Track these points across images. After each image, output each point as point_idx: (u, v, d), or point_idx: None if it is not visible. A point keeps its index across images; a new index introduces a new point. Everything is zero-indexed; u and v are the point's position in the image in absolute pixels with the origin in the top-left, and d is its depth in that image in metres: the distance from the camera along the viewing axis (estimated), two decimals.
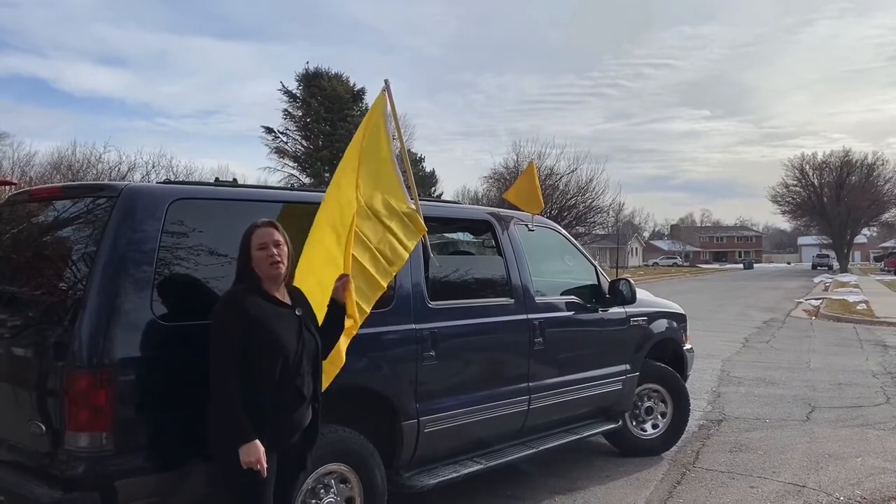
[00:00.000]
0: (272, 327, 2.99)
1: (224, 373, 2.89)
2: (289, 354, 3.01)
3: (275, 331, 2.99)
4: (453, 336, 4.53)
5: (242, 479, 2.90)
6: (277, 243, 3.09)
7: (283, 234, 3.14)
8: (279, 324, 3.03)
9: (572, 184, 38.30)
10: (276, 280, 3.11)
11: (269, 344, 2.96)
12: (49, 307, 3.47)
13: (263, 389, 2.96)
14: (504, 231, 5.26)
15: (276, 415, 3.00)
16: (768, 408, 8.27)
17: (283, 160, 40.03)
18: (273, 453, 3.00)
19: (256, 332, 2.94)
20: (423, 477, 4.39)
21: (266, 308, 3.03)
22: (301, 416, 3.13)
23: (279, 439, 3.04)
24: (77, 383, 3.06)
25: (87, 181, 15.37)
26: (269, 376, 2.97)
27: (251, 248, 3.07)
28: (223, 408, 2.89)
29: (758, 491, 5.41)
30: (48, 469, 3.16)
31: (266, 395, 2.96)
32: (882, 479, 5.72)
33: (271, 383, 2.98)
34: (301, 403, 3.10)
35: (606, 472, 5.84)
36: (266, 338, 2.96)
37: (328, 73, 39.90)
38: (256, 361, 2.94)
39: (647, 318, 6.26)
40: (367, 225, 3.84)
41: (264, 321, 2.98)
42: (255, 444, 2.86)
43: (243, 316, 2.94)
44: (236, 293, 3.05)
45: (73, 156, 24.77)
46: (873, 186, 62.52)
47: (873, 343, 14.42)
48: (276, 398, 2.99)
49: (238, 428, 2.87)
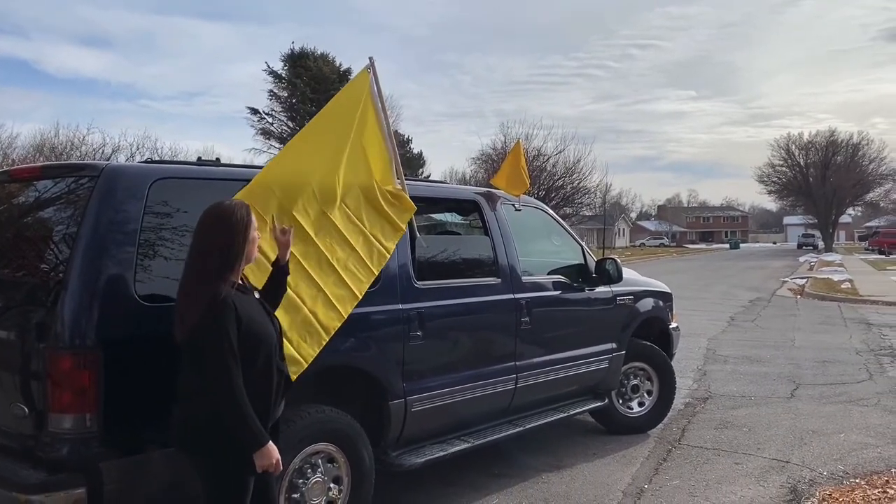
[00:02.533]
0: (256, 318, 2.80)
1: (233, 379, 2.62)
2: (274, 342, 2.87)
3: (260, 321, 2.81)
4: (440, 316, 4.52)
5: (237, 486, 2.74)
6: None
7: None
8: (257, 313, 2.84)
9: (560, 165, 38.33)
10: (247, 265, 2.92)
11: (259, 337, 2.77)
12: (31, 289, 3.44)
13: (264, 385, 2.78)
14: (491, 211, 5.25)
15: (267, 408, 2.80)
16: (753, 385, 8.35)
17: (269, 141, 39.79)
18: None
19: (247, 329, 2.71)
20: (410, 456, 4.40)
21: (243, 300, 2.79)
22: (283, 405, 3.02)
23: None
24: (60, 364, 3.04)
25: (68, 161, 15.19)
26: (267, 370, 2.80)
27: (249, 230, 2.82)
28: (235, 412, 2.63)
29: (742, 467, 5.47)
30: (32, 451, 3.13)
31: (265, 391, 2.79)
32: (864, 454, 5.80)
33: (270, 376, 2.81)
34: (288, 388, 3.00)
35: (593, 450, 5.88)
36: (256, 331, 2.76)
37: (314, 53, 39.59)
38: (253, 359, 2.73)
39: (634, 296, 6.29)
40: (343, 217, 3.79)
41: (250, 315, 2.76)
42: (270, 446, 2.70)
43: (236, 314, 2.68)
44: (228, 294, 2.70)
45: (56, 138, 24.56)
46: (858, 166, 62.88)
47: (857, 321, 14.57)
48: (271, 390, 2.83)
49: (256, 432, 2.66)
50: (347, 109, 3.93)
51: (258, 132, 39.80)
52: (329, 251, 3.65)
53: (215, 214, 2.83)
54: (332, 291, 3.62)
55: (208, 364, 2.66)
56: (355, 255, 3.78)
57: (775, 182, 68.23)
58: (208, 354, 2.66)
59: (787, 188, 68.16)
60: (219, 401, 2.66)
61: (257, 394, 2.73)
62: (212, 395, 2.67)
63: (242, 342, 2.68)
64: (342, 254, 3.71)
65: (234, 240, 2.76)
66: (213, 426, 2.70)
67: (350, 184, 3.82)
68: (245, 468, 2.73)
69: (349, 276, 3.72)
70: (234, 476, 2.74)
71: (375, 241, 3.89)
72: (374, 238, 3.89)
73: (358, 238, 3.81)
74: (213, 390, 2.67)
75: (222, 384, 2.63)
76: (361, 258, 3.79)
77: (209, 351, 2.65)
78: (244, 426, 2.65)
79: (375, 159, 3.95)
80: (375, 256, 3.87)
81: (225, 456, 2.71)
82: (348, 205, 3.81)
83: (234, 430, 2.66)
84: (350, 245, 3.76)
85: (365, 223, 3.87)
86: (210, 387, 2.67)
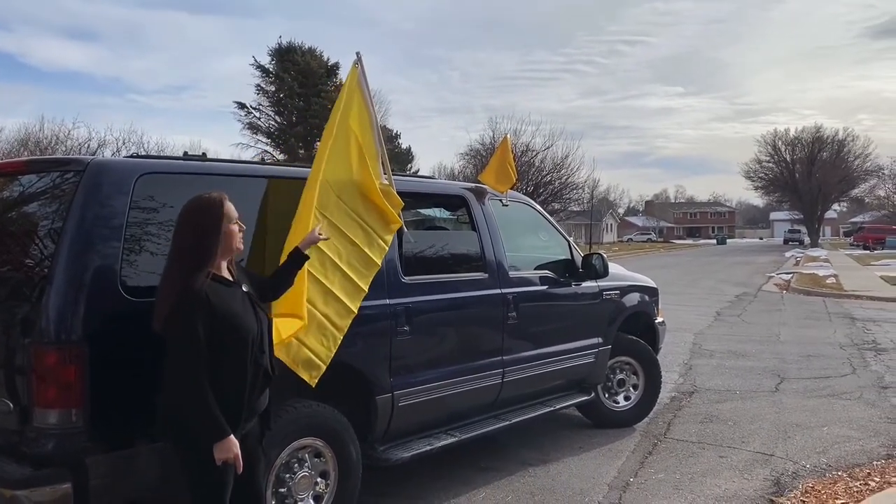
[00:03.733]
0: (234, 310, 2.79)
1: (193, 366, 2.64)
2: (254, 335, 2.84)
3: (237, 313, 2.79)
4: (427, 311, 4.53)
5: (211, 477, 2.74)
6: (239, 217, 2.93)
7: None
8: (238, 306, 2.83)
9: (548, 160, 38.43)
10: (229, 258, 2.91)
11: (236, 329, 2.77)
12: (16, 284, 3.42)
13: (236, 378, 2.77)
14: (479, 206, 5.26)
15: (241, 402, 2.80)
16: (739, 379, 8.42)
17: (256, 136, 39.68)
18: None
19: (221, 321, 2.72)
20: (397, 450, 4.42)
21: (223, 292, 2.79)
22: (265, 399, 3.00)
23: (240, 427, 2.83)
24: (45, 360, 3.03)
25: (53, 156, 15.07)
26: (240, 363, 2.78)
27: (222, 222, 2.82)
28: (196, 402, 2.65)
29: (727, 460, 5.52)
30: (17, 446, 3.12)
31: (238, 384, 2.77)
32: (847, 446, 5.86)
33: (243, 370, 2.79)
34: (267, 384, 2.98)
35: (579, 444, 5.92)
36: (232, 323, 2.75)
37: (301, 47, 39.44)
38: (225, 351, 2.73)
39: (620, 291, 6.32)
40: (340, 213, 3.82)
41: (227, 307, 2.76)
42: (231, 440, 2.69)
43: (206, 304, 2.69)
44: (201, 286, 2.71)
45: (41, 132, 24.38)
46: (844, 162, 63.25)
47: (841, 316, 14.70)
48: (246, 385, 2.80)
49: (214, 425, 2.66)
50: (341, 106, 3.94)
51: (245, 127, 39.68)
52: (332, 251, 3.69)
53: (191, 208, 2.87)
54: (340, 290, 3.67)
55: (172, 354, 2.71)
56: (356, 249, 3.83)
57: (762, 178, 68.59)
58: (173, 344, 2.70)
59: (774, 184, 68.52)
60: (180, 390, 2.70)
61: (230, 385, 2.75)
62: (175, 384, 2.71)
63: (217, 333, 2.70)
64: (344, 251, 3.77)
65: (209, 232, 2.79)
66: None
67: (345, 179, 3.84)
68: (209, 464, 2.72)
69: (353, 272, 3.78)
70: (209, 466, 2.73)
71: (374, 234, 3.92)
72: (373, 231, 3.92)
73: (357, 232, 3.86)
74: (175, 380, 2.71)
75: (183, 374, 2.67)
76: (363, 251, 3.84)
77: (174, 341, 2.70)
78: (201, 416, 2.67)
79: (367, 153, 3.97)
80: (376, 249, 3.91)
81: (198, 446, 2.72)
82: (345, 200, 3.84)
83: (192, 420, 2.69)
84: (350, 240, 3.80)
85: (363, 217, 3.90)
86: (173, 376, 2.72)
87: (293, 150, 36.51)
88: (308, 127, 37.35)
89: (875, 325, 13.09)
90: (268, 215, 3.81)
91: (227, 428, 2.69)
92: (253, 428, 2.99)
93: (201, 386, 2.65)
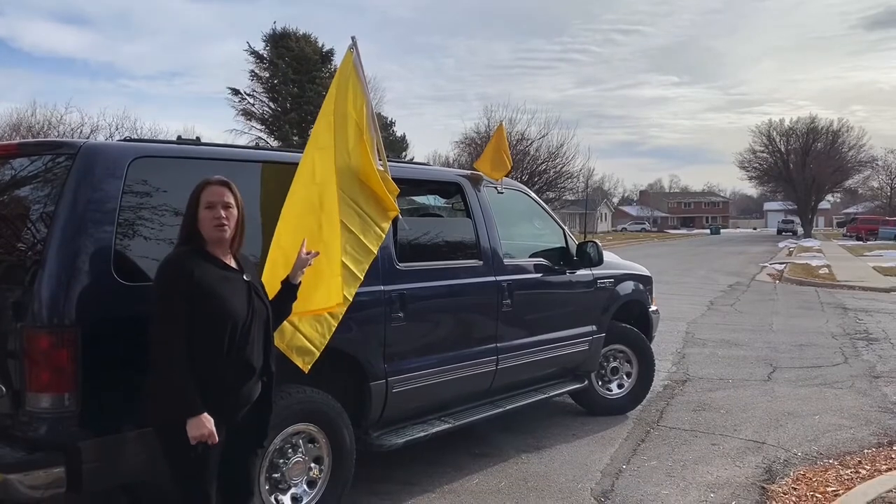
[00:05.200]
0: (219, 292, 2.78)
1: (167, 340, 2.67)
2: (237, 322, 2.80)
3: (222, 295, 2.78)
4: (422, 297, 4.53)
5: (188, 456, 2.72)
6: (227, 205, 2.87)
7: (235, 197, 2.92)
8: (227, 288, 2.82)
9: (543, 149, 38.39)
10: (221, 244, 2.89)
11: (215, 310, 2.75)
12: (8, 268, 3.40)
13: (210, 360, 2.75)
14: (474, 193, 5.25)
15: (222, 387, 2.79)
16: (731, 368, 8.46)
17: (250, 122, 39.42)
18: (221, 429, 2.78)
19: (202, 297, 2.72)
20: (391, 436, 4.43)
21: (212, 271, 2.81)
22: (250, 390, 2.93)
23: (226, 414, 2.83)
24: (37, 343, 3.01)
25: None
26: (216, 345, 2.77)
27: (199, 206, 2.85)
28: (169, 377, 2.68)
29: (719, 448, 5.55)
30: (10, 430, 3.11)
31: (213, 366, 2.75)
32: (838, 435, 5.90)
33: (219, 353, 2.77)
34: (250, 376, 2.90)
35: (573, 431, 5.94)
36: (212, 303, 2.75)
37: (296, 33, 39.17)
38: (202, 329, 2.73)
39: (614, 280, 6.33)
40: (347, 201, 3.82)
41: (210, 285, 2.76)
42: (203, 417, 2.67)
43: (186, 279, 2.72)
44: (180, 255, 2.82)
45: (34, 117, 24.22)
46: (838, 153, 63.37)
47: (834, 306, 14.77)
48: (223, 369, 2.78)
49: (186, 399, 2.66)
50: (337, 91, 3.91)
51: (239, 113, 39.40)
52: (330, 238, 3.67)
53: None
54: (337, 277, 3.64)
55: (151, 326, 2.75)
56: (353, 237, 3.81)
57: (756, 168, 68.69)
58: (153, 317, 2.75)
59: (768, 174, 68.65)
60: (156, 362, 2.73)
61: (204, 365, 2.73)
62: (153, 357, 2.74)
63: (197, 309, 2.71)
64: (342, 238, 3.74)
65: (188, 213, 2.91)
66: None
67: (342, 165, 3.82)
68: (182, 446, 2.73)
69: (350, 260, 3.77)
70: (185, 447, 2.71)
71: (371, 222, 3.91)
72: (370, 218, 3.91)
73: (354, 220, 3.84)
74: (153, 352, 2.74)
75: (157, 344, 2.72)
76: (360, 240, 3.83)
77: (154, 313, 2.75)
78: (174, 390, 2.68)
79: (364, 140, 3.95)
80: (373, 237, 3.90)
81: (173, 426, 2.72)
82: (342, 187, 3.81)
83: (165, 394, 2.70)
84: (347, 228, 3.79)
85: (360, 205, 3.88)
86: (152, 349, 2.75)
87: (287, 137, 36.34)
88: (302, 113, 37.15)
89: (867, 316, 13.16)
90: (263, 201, 3.79)
91: (199, 404, 2.68)
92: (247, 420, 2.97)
93: (177, 360, 2.67)
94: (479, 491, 4.67)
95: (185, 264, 2.77)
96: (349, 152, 3.87)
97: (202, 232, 2.87)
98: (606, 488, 4.73)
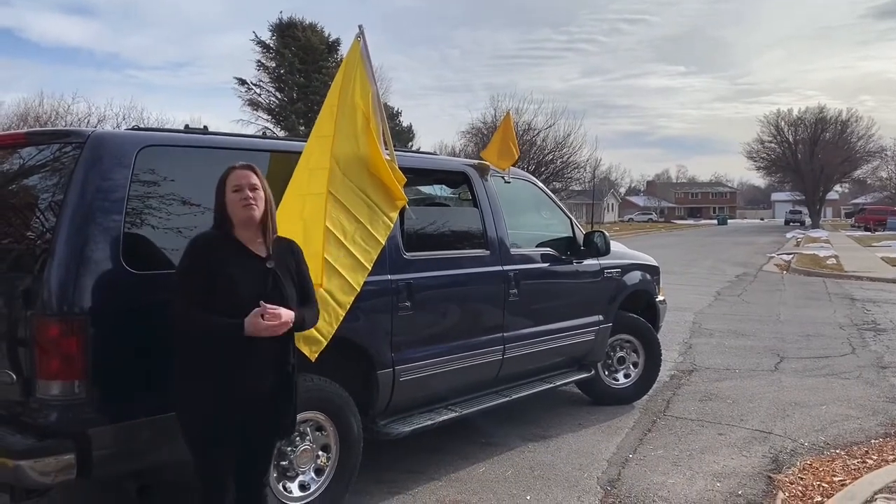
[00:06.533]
0: (231, 274, 2.83)
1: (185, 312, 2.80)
2: (245, 307, 2.79)
3: (233, 279, 2.83)
4: (429, 287, 4.53)
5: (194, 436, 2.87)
6: (254, 187, 2.92)
7: (261, 179, 2.98)
8: (240, 273, 2.85)
9: (550, 139, 38.31)
10: (250, 225, 2.92)
11: (223, 291, 2.80)
12: (17, 256, 3.42)
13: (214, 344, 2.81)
14: (481, 182, 5.24)
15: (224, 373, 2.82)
16: (738, 358, 8.45)
17: (256, 113, 39.38)
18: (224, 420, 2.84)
19: (214, 278, 2.81)
20: (398, 425, 4.44)
21: (230, 255, 2.88)
22: (257, 379, 2.89)
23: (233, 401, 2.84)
24: (47, 331, 3.03)
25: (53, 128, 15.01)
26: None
27: (226, 191, 2.92)
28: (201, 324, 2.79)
29: (726, 438, 5.55)
30: (20, 417, 3.14)
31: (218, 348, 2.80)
32: (845, 425, 5.90)
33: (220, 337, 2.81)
34: (256, 364, 2.88)
35: (579, 420, 5.95)
36: (221, 284, 2.81)
37: (302, 23, 39.05)
38: (211, 306, 2.79)
39: (621, 269, 6.32)
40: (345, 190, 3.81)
41: (223, 267, 2.83)
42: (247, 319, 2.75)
43: (203, 258, 2.84)
44: (204, 236, 2.96)
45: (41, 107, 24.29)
46: (846, 143, 62.98)
47: (841, 296, 14.72)
48: (228, 352, 2.81)
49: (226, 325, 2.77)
50: (343, 81, 3.91)
51: (246, 103, 39.37)
52: (337, 228, 3.68)
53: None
54: (344, 266, 3.66)
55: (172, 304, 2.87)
56: (361, 227, 3.82)
57: (764, 158, 68.34)
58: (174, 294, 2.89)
59: (776, 164, 68.32)
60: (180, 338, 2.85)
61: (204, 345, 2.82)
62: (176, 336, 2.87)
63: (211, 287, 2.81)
64: (350, 227, 3.76)
65: (217, 199, 2.97)
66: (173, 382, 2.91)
67: (350, 155, 3.82)
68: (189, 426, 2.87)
69: (357, 249, 3.77)
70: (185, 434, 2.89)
71: (380, 211, 3.91)
72: (378, 208, 3.91)
73: (362, 209, 3.84)
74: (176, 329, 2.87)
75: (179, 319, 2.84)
76: (367, 229, 3.83)
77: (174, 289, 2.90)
78: (214, 327, 2.79)
79: (371, 128, 3.95)
80: (381, 226, 3.90)
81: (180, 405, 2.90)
82: (351, 177, 3.82)
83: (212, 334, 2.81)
84: (355, 218, 3.79)
85: (369, 194, 3.89)
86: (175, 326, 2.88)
87: (294, 127, 36.31)
88: (308, 103, 37.09)
89: (875, 306, 13.11)
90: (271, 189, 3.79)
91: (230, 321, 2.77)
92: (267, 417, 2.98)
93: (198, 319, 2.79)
94: (485, 479, 4.68)
95: (204, 244, 2.89)
96: (357, 141, 3.87)
97: (231, 216, 2.92)
98: (613, 477, 4.74)
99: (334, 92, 3.88)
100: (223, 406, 2.83)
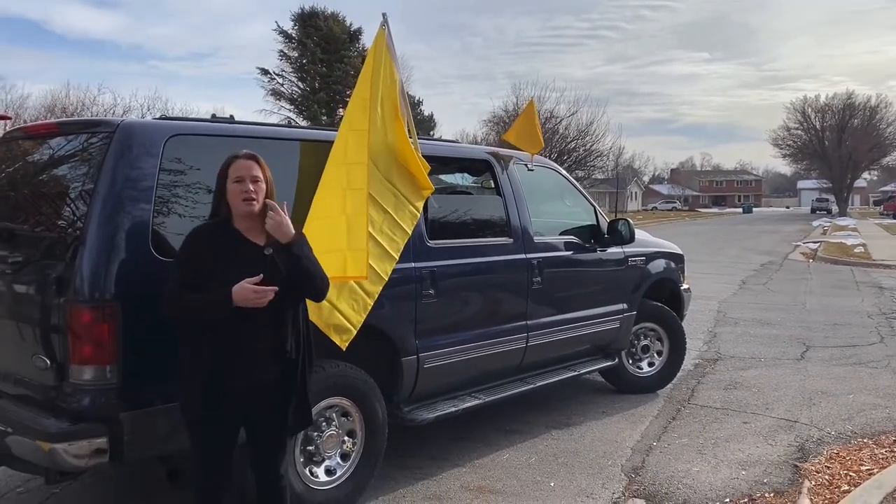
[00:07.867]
0: (221, 264, 2.79)
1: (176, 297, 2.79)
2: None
3: (225, 268, 2.78)
4: (452, 275, 4.55)
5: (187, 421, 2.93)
6: (255, 179, 2.85)
7: (264, 171, 2.90)
8: (234, 260, 2.81)
9: (572, 127, 38.09)
10: (249, 218, 2.88)
11: (220, 280, 2.74)
12: (49, 244, 3.48)
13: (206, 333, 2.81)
14: (504, 171, 5.23)
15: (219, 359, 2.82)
16: (763, 347, 8.38)
17: (279, 102, 39.58)
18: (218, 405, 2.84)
19: (212, 268, 2.79)
20: (422, 411, 4.47)
21: (226, 245, 2.85)
22: (253, 367, 2.86)
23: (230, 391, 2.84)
24: (80, 318, 3.09)
25: None
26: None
27: (227, 180, 2.87)
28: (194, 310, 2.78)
29: (751, 426, 5.52)
30: (54, 401, 3.21)
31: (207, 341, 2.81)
32: (873, 414, 5.84)
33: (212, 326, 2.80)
34: (250, 350, 2.84)
35: (602, 408, 5.95)
36: (212, 271, 2.78)
37: (324, 12, 39.11)
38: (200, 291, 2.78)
39: (645, 258, 6.29)
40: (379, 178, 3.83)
41: (217, 254, 2.81)
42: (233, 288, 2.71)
43: (202, 249, 2.83)
44: (201, 227, 2.96)
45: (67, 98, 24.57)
46: (875, 130, 61.86)
47: (869, 285, 14.52)
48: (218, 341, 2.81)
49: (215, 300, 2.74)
50: (372, 71, 3.90)
51: (268, 93, 39.59)
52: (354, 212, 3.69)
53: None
54: (373, 256, 3.68)
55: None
56: (388, 217, 3.84)
57: (790, 145, 67.35)
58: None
59: (802, 151, 67.29)
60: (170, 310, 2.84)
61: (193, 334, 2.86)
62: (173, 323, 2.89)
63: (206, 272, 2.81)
64: (378, 217, 3.78)
65: (217, 187, 2.96)
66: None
67: (378, 144, 3.83)
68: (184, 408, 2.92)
69: (385, 239, 3.80)
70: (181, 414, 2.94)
71: (406, 201, 3.93)
72: (405, 198, 3.93)
73: (389, 199, 3.86)
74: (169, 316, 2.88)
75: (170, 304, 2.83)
76: (394, 219, 3.85)
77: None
78: (204, 307, 2.77)
79: (399, 116, 3.95)
80: (407, 216, 3.93)
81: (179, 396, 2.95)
82: (379, 167, 3.83)
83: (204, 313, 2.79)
84: (383, 208, 3.81)
85: (395, 184, 3.90)
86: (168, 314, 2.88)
87: (316, 117, 36.43)
88: (331, 93, 37.22)
89: None
90: (298, 180, 3.82)
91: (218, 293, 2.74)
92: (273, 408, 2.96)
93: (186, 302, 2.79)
94: (509, 465, 4.71)
95: (201, 235, 2.90)
96: (385, 130, 3.88)
97: (231, 206, 2.88)
98: (637, 465, 4.74)
99: (364, 83, 3.85)
100: (216, 391, 2.82)
